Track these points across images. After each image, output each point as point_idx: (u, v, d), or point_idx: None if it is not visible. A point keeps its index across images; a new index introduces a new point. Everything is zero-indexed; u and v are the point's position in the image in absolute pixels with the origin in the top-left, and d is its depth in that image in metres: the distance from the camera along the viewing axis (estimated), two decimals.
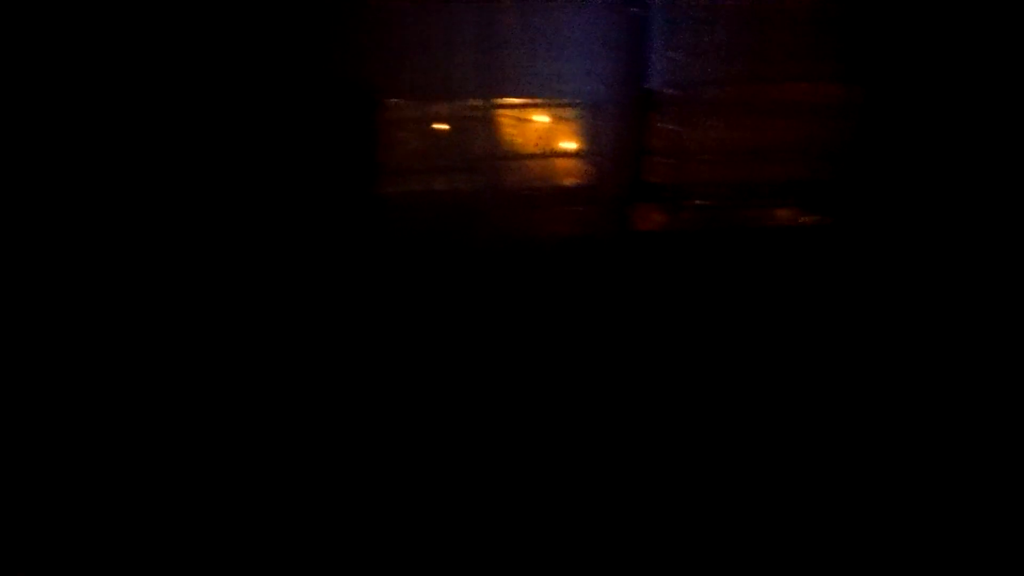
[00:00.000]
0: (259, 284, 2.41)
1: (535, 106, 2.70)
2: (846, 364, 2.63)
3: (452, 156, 2.66)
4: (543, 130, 2.70)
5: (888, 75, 2.63)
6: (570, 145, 2.72)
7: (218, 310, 2.36)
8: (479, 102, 2.64)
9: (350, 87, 2.49)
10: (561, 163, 2.71)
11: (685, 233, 2.69)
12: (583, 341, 2.58)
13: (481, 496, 2.35)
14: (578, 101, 2.68)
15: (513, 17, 2.63)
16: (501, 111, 2.69)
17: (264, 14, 2.33)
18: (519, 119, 2.70)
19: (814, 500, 2.37)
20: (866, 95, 2.63)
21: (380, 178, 2.57)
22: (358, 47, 2.48)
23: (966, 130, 2.66)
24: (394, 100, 2.63)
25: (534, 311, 2.58)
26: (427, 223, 2.62)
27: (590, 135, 2.68)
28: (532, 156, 2.69)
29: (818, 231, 2.74)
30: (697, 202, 2.71)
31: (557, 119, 2.71)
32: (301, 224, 2.44)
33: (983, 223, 2.69)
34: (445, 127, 2.66)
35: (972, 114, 2.66)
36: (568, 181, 2.71)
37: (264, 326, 2.41)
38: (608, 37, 2.63)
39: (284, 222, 2.43)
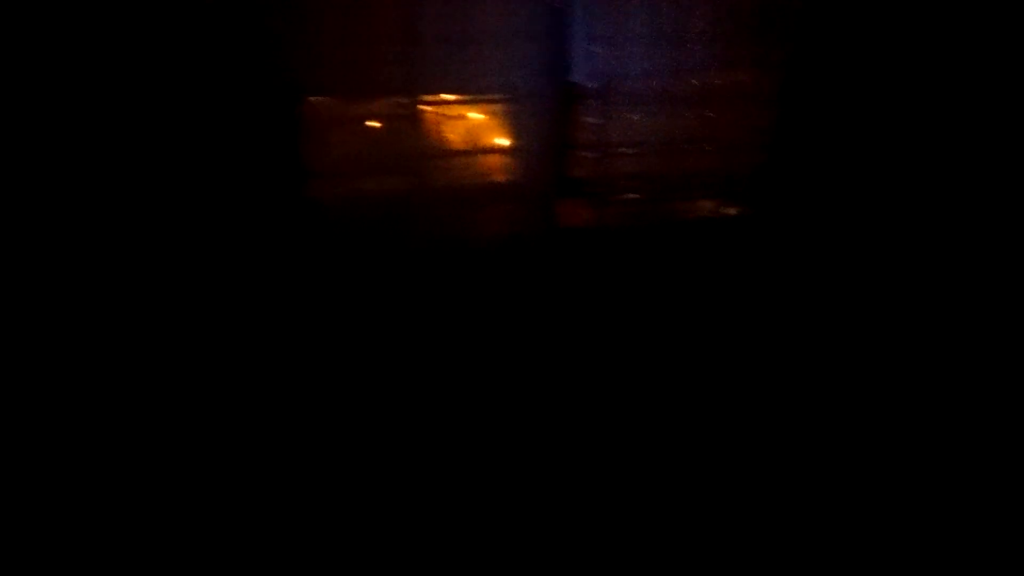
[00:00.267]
0: (184, 291, 2.37)
1: (459, 103, 2.67)
2: (776, 356, 2.65)
3: (377, 155, 2.63)
4: (467, 127, 2.69)
5: (812, 63, 2.63)
6: (494, 141, 2.71)
7: (135, 319, 2.33)
8: (404, 100, 2.61)
9: (273, 85, 2.45)
10: (485, 160, 2.70)
11: (612, 228, 2.69)
12: (512, 339, 2.58)
13: (411, 496, 2.35)
14: (501, 96, 2.67)
15: (437, 12, 2.59)
16: (426, 108, 2.66)
17: (180, 8, 2.27)
18: (443, 116, 2.67)
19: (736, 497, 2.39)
20: (789, 83, 2.63)
21: (305, 180, 2.53)
22: (281, 43, 2.43)
23: (893, 121, 2.67)
24: (319, 99, 2.59)
25: (463, 311, 2.57)
26: (353, 224, 2.59)
27: (513, 131, 2.68)
28: (456, 154, 2.68)
29: (748, 223, 2.75)
30: (624, 196, 2.71)
31: (480, 115, 2.70)
32: (224, 228, 2.41)
33: (909, 215, 2.71)
34: (370, 125, 2.64)
35: (897, 104, 2.67)
36: (492, 178, 2.70)
37: (187, 334, 2.38)
38: (530, 30, 2.61)
39: (206, 226, 2.39)
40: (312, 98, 2.58)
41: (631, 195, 2.72)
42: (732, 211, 2.78)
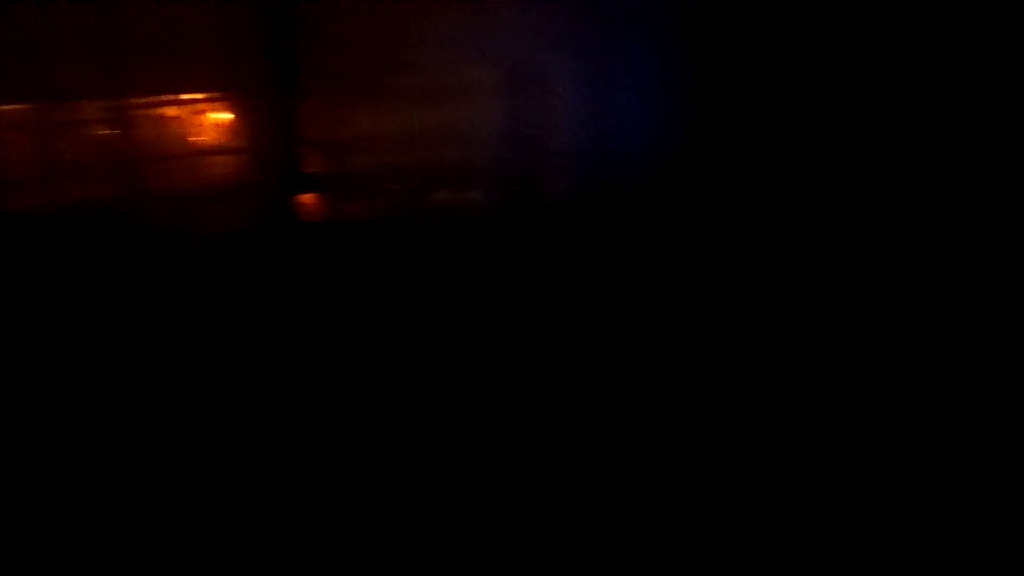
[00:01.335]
0: None
1: (175, 104, 2.55)
2: (507, 351, 2.65)
3: (85, 161, 2.46)
4: (186, 128, 2.61)
5: (529, 56, 2.77)
6: (216, 141, 2.64)
7: None
8: (109, 104, 2.46)
9: None
10: (208, 160, 2.64)
11: (351, 221, 2.66)
12: (253, 334, 2.44)
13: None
14: (225, 96, 2.59)
15: (147, 14, 2.47)
16: (145, 111, 2.53)
17: None
18: (166, 118, 2.56)
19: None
20: (509, 76, 2.77)
21: None
22: None
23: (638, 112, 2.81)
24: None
25: (196, 310, 2.41)
26: (58, 234, 2.37)
27: (242, 130, 2.61)
28: (175, 156, 2.59)
29: (493, 212, 2.81)
30: (364, 190, 2.70)
31: (200, 116, 2.61)
32: None
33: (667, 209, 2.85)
34: (69, 131, 2.48)
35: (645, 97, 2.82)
36: (222, 178, 2.62)
37: None
38: (255, 29, 2.55)
39: None
40: None
41: (371, 188, 2.71)
42: (475, 200, 2.82)
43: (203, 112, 2.58)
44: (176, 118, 2.56)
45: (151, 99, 2.51)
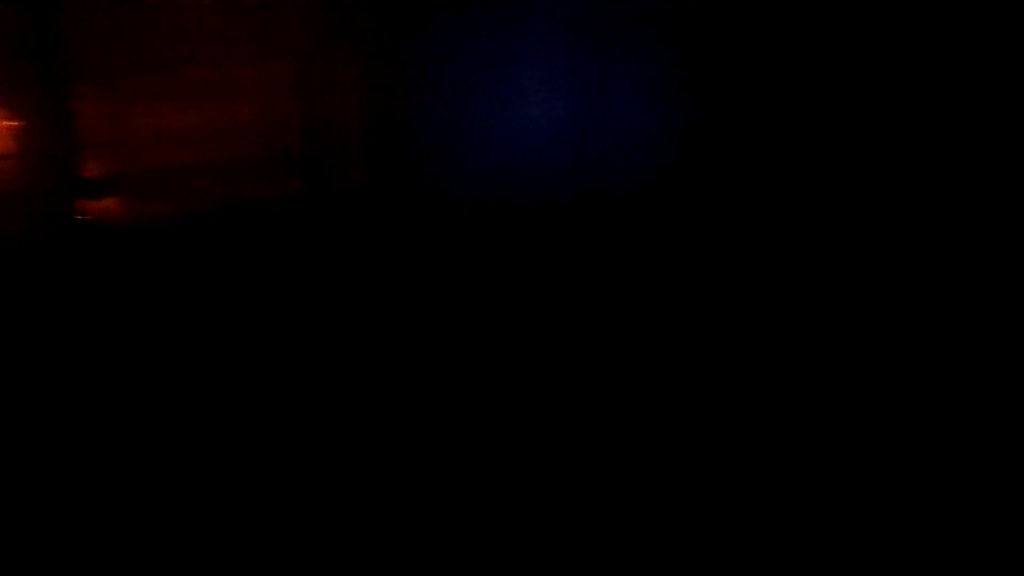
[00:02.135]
0: None
1: None
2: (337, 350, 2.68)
3: None
4: None
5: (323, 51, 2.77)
6: None
7: None
8: None
9: None
10: None
11: (142, 224, 2.61)
12: (36, 350, 2.39)
13: None
14: None
15: None
16: None
17: None
18: None
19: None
20: (304, 70, 2.77)
21: None
22: None
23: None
24: None
25: None
26: None
27: (13, 135, 2.48)
28: None
29: (292, 208, 2.82)
30: (153, 191, 2.66)
31: None
32: None
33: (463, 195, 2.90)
34: None
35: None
36: None
37: None
38: (19, 27, 2.43)
39: None
40: None
41: (162, 188, 2.67)
42: (268, 195, 2.83)
43: None
44: None
45: None
